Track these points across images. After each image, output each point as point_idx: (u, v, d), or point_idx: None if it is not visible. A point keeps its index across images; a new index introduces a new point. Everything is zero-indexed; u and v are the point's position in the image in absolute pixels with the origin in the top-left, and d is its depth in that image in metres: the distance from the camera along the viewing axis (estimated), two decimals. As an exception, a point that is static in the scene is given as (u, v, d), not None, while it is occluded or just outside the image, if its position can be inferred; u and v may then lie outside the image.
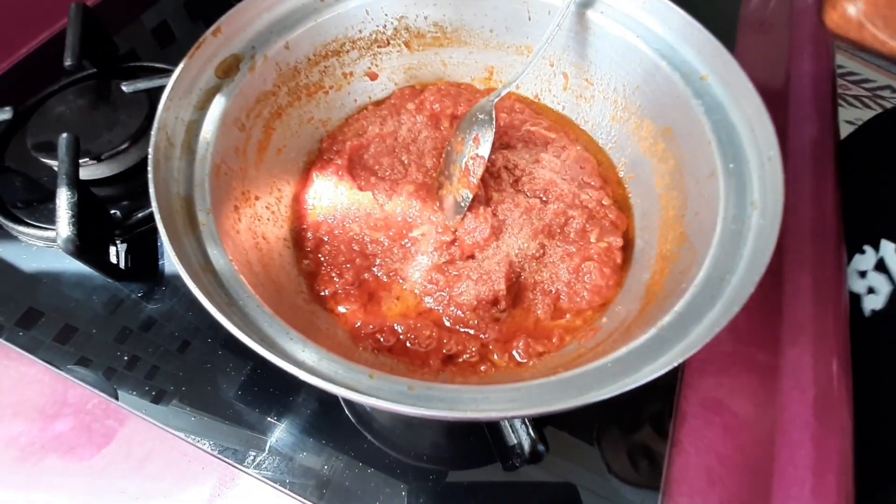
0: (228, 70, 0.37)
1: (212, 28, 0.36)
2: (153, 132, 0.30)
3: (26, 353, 0.44)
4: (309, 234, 0.42)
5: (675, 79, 0.39)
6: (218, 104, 0.36)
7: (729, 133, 0.35)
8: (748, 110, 0.34)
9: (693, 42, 0.38)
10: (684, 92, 0.38)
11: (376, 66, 0.49)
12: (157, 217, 0.27)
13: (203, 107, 0.35)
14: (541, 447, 0.35)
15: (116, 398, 0.41)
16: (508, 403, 0.23)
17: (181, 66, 0.34)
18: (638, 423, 0.41)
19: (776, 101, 0.64)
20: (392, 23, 0.47)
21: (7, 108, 0.53)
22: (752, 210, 0.30)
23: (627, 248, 0.42)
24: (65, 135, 0.46)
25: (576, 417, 0.40)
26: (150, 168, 0.28)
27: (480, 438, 0.39)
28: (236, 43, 0.38)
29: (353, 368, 0.25)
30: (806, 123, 0.60)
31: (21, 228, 0.49)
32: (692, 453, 0.41)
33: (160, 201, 0.28)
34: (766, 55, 0.69)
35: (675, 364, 0.23)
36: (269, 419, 0.40)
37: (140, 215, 0.49)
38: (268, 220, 0.40)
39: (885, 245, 0.55)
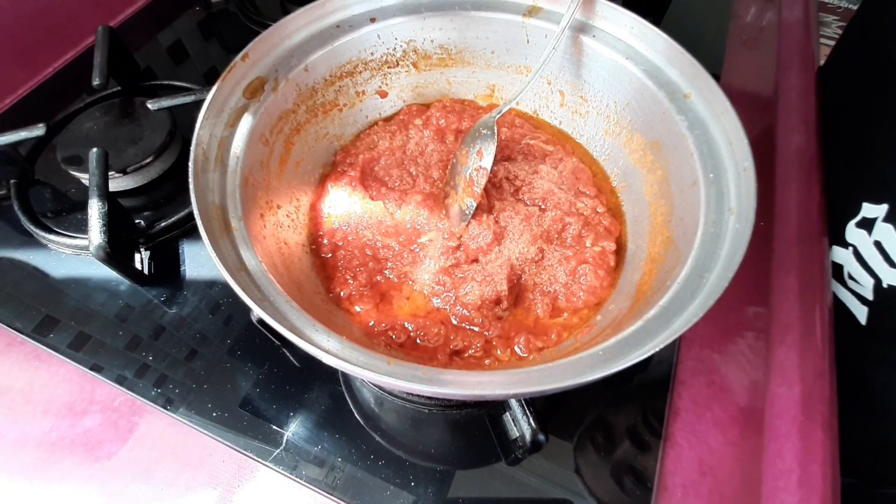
0: (255, 91, 0.40)
1: (241, 54, 0.39)
2: (192, 148, 0.33)
3: (55, 353, 0.46)
4: (325, 241, 0.44)
5: (661, 97, 0.41)
6: (246, 122, 0.39)
7: (709, 146, 0.37)
8: (726, 126, 0.37)
9: (676, 63, 0.41)
10: (669, 109, 0.40)
11: (386, 85, 0.52)
12: (199, 222, 0.30)
13: (233, 124, 0.38)
14: (541, 436, 0.36)
15: (142, 395, 0.43)
16: (510, 386, 0.26)
17: (215, 88, 0.37)
18: (635, 426, 0.43)
19: (765, 112, 0.66)
20: (401, 46, 0.50)
21: (40, 125, 0.55)
22: (730, 215, 0.33)
23: (620, 251, 0.44)
24: (95, 149, 0.49)
25: (576, 427, 0.42)
26: (190, 179, 0.31)
27: (483, 435, 0.41)
28: (261, 67, 0.41)
29: (373, 356, 0.28)
30: (793, 133, 0.62)
31: (50, 237, 0.52)
32: (685, 447, 0.42)
33: (200, 209, 0.31)
34: (755, 69, 0.71)
35: (657, 349, 0.26)
36: (284, 415, 0.42)
37: (162, 224, 0.52)
38: (288, 227, 0.42)
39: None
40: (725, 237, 0.32)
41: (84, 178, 0.53)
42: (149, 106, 0.56)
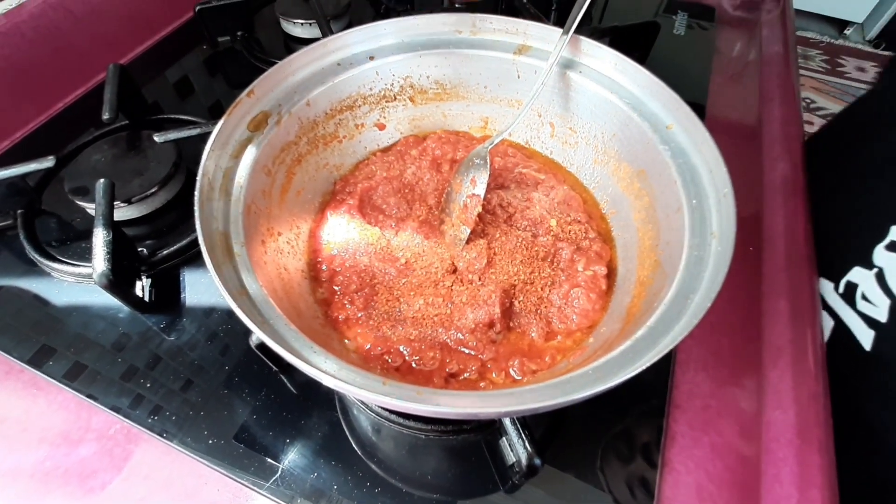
0: (259, 125, 0.42)
1: (246, 90, 0.41)
2: (198, 178, 0.34)
3: (53, 381, 0.46)
4: (324, 267, 0.45)
5: (645, 128, 0.43)
6: (249, 153, 0.40)
7: (692, 174, 0.39)
8: (706, 155, 0.38)
9: (658, 97, 0.43)
10: (653, 139, 0.42)
11: (384, 117, 0.54)
12: (203, 249, 0.31)
13: (237, 156, 0.39)
14: (537, 460, 0.36)
15: (138, 423, 0.43)
16: (503, 405, 0.27)
17: (221, 122, 0.39)
18: (632, 452, 0.42)
19: (750, 142, 0.68)
20: (399, 81, 0.52)
21: (50, 157, 0.57)
22: (712, 239, 0.34)
23: (611, 275, 0.44)
24: (102, 180, 0.50)
25: (573, 455, 0.42)
26: (195, 208, 0.33)
27: (480, 461, 0.41)
28: (265, 102, 0.43)
29: (369, 377, 0.28)
30: (778, 162, 0.64)
31: (54, 265, 0.53)
32: (682, 472, 0.42)
33: (205, 235, 0.32)
34: (739, 102, 0.74)
35: (645, 367, 0.27)
36: (281, 443, 0.42)
37: (164, 253, 0.53)
38: (288, 253, 0.43)
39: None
40: (709, 260, 0.33)
41: (90, 208, 0.55)
42: (155, 139, 0.58)
